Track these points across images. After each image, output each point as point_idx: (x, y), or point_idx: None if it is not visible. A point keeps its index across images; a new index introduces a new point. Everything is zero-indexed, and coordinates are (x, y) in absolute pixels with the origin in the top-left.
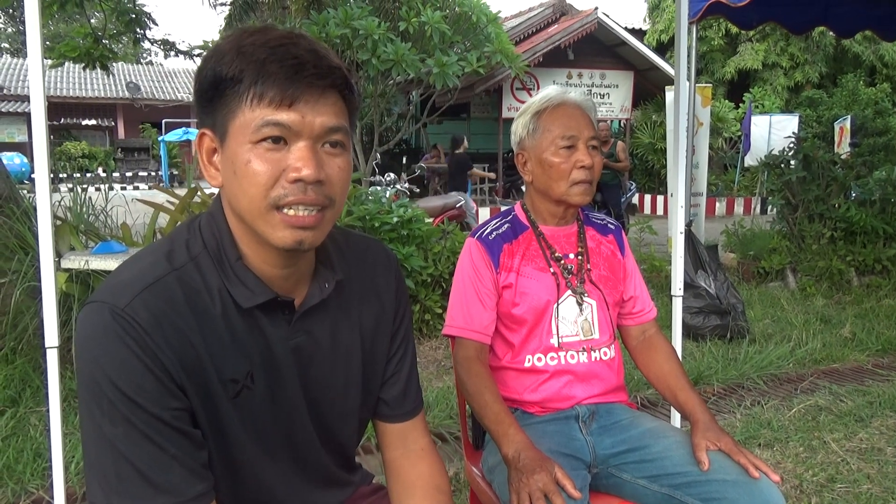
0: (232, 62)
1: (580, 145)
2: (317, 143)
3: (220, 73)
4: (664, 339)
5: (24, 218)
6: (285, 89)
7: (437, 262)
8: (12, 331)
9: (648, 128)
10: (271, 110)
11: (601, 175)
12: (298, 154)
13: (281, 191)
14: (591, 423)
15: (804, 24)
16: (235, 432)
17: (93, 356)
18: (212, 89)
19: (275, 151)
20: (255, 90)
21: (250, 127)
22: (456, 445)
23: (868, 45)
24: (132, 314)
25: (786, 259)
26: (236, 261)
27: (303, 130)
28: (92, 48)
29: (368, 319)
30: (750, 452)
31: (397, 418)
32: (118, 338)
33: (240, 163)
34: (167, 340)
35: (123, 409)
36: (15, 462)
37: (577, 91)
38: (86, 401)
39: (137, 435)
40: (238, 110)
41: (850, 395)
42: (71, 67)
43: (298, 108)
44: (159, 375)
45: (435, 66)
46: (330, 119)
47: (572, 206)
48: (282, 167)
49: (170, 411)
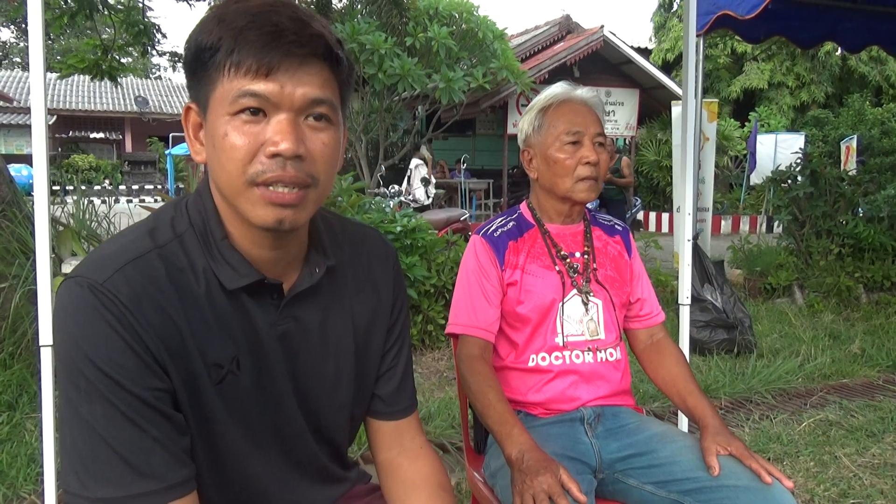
0: (212, 31)
1: (585, 141)
2: (298, 115)
3: (201, 42)
4: (673, 344)
5: (25, 222)
6: (262, 57)
7: (440, 272)
8: (11, 335)
9: (654, 145)
10: (248, 80)
11: (606, 191)
12: (277, 127)
13: (259, 166)
14: (596, 426)
15: (812, 39)
16: (220, 419)
17: (70, 333)
18: (194, 60)
19: (253, 124)
20: (231, 59)
21: (228, 98)
22: (458, 456)
23: (874, 66)
24: (112, 289)
25: (793, 275)
26: (222, 240)
27: (282, 102)
28: (101, 60)
29: (363, 311)
30: (762, 458)
31: (392, 415)
32: (97, 313)
33: (218, 136)
34: (148, 318)
35: (102, 388)
36: (8, 467)
37: (585, 88)
38: (63, 382)
39: (117, 415)
40: (217, 81)
41: (860, 411)
42: (80, 81)
43: (277, 78)
44: (140, 353)
45: (441, 81)
46: (313, 90)
47: (577, 202)
48: (260, 141)
49: (151, 391)
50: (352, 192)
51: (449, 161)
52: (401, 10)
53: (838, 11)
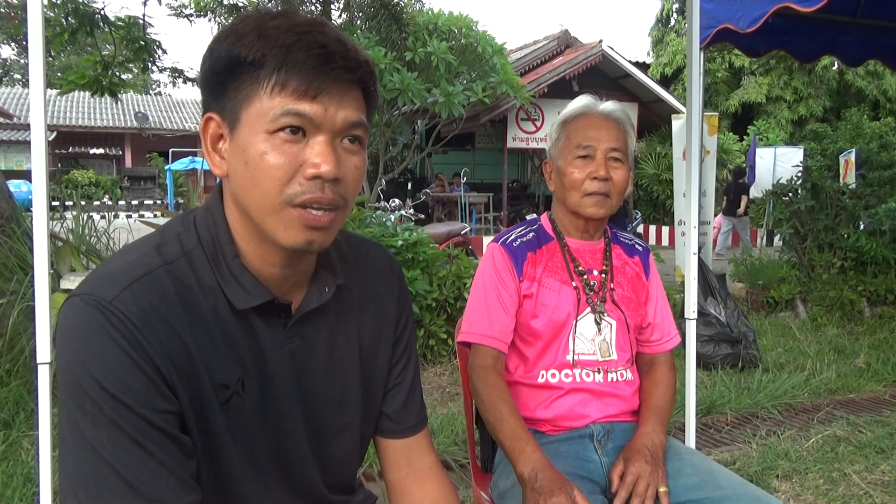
0: (253, 45)
1: (598, 156)
2: (336, 137)
3: (238, 55)
4: (667, 370)
5: (24, 238)
6: (311, 80)
7: (442, 286)
8: (8, 352)
9: (653, 159)
10: (293, 100)
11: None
12: (318, 149)
13: (298, 187)
14: (606, 443)
15: (812, 53)
16: (224, 442)
17: (76, 354)
18: (225, 71)
19: (292, 144)
20: (277, 77)
21: (268, 115)
22: (462, 474)
23: (871, 80)
24: (121, 307)
25: (795, 289)
26: (233, 259)
27: (324, 124)
28: (101, 76)
29: (369, 327)
30: (640, 491)
31: (400, 433)
32: (105, 333)
33: (253, 153)
34: (158, 337)
35: (108, 411)
36: (4, 486)
37: (610, 102)
38: (67, 404)
39: (123, 439)
40: (255, 96)
41: (868, 426)
42: (80, 97)
43: (322, 101)
44: (149, 374)
45: (441, 96)
46: (353, 113)
47: (585, 218)
48: (299, 161)
49: (159, 413)
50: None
51: (448, 175)
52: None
53: (838, 26)
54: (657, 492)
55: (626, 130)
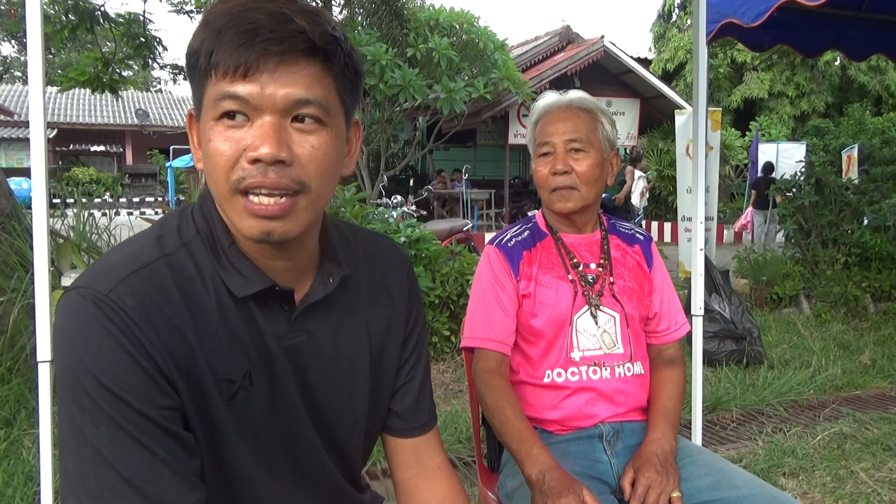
0: (198, 34)
1: (557, 150)
2: (284, 118)
3: (191, 46)
4: (675, 364)
5: (24, 235)
6: (237, 57)
7: (444, 283)
8: (9, 350)
9: (655, 155)
10: (227, 82)
11: (608, 200)
12: (258, 132)
13: (240, 172)
14: (615, 443)
15: (816, 48)
16: (231, 438)
17: (73, 348)
18: (188, 66)
19: (236, 129)
20: (211, 60)
21: (211, 102)
22: (467, 472)
23: (874, 75)
24: (117, 300)
25: (799, 285)
26: (230, 246)
27: (263, 104)
28: (102, 73)
29: (378, 322)
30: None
31: (410, 432)
32: (101, 326)
33: (205, 142)
34: (156, 331)
35: (107, 408)
36: (5, 486)
37: (573, 91)
38: (66, 401)
39: (123, 436)
40: (205, 86)
41: (875, 423)
42: (81, 95)
43: (257, 79)
44: (148, 369)
45: (442, 92)
46: (297, 90)
47: (557, 213)
48: (242, 146)
49: (160, 410)
50: (355, 202)
51: (449, 171)
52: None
53: (843, 20)
54: (670, 498)
55: (592, 117)
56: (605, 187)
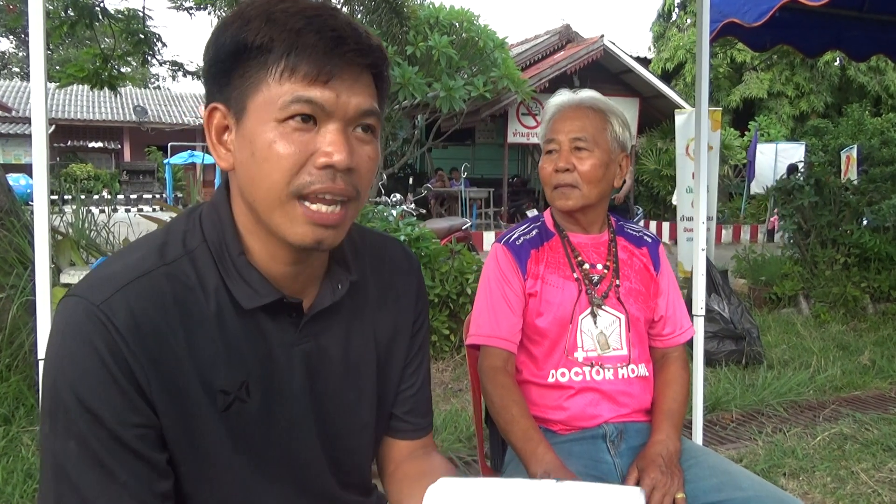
0: (260, 29)
1: (562, 148)
2: (348, 126)
3: (245, 40)
4: (679, 367)
5: (24, 232)
6: (323, 64)
7: (444, 282)
8: (8, 347)
9: (654, 154)
10: (303, 86)
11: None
12: (330, 137)
13: (307, 177)
14: (619, 444)
15: (817, 48)
16: (223, 450)
17: (58, 359)
18: (231, 59)
19: (303, 132)
20: (286, 62)
21: (277, 103)
22: (467, 471)
23: (873, 76)
24: (108, 313)
25: (798, 285)
26: (238, 256)
27: (336, 111)
28: (101, 69)
29: (385, 326)
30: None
31: (409, 434)
32: (87, 341)
33: (261, 143)
34: (144, 345)
35: (80, 422)
36: (4, 483)
37: (584, 91)
38: (45, 409)
39: (89, 455)
40: (262, 84)
41: (875, 424)
42: (79, 91)
43: (334, 86)
44: (125, 388)
45: (442, 90)
46: (365, 101)
47: (560, 211)
48: (310, 151)
49: (133, 428)
50: None
51: (446, 170)
52: (401, 19)
53: (844, 20)
54: (675, 499)
55: (602, 117)
56: (613, 188)
